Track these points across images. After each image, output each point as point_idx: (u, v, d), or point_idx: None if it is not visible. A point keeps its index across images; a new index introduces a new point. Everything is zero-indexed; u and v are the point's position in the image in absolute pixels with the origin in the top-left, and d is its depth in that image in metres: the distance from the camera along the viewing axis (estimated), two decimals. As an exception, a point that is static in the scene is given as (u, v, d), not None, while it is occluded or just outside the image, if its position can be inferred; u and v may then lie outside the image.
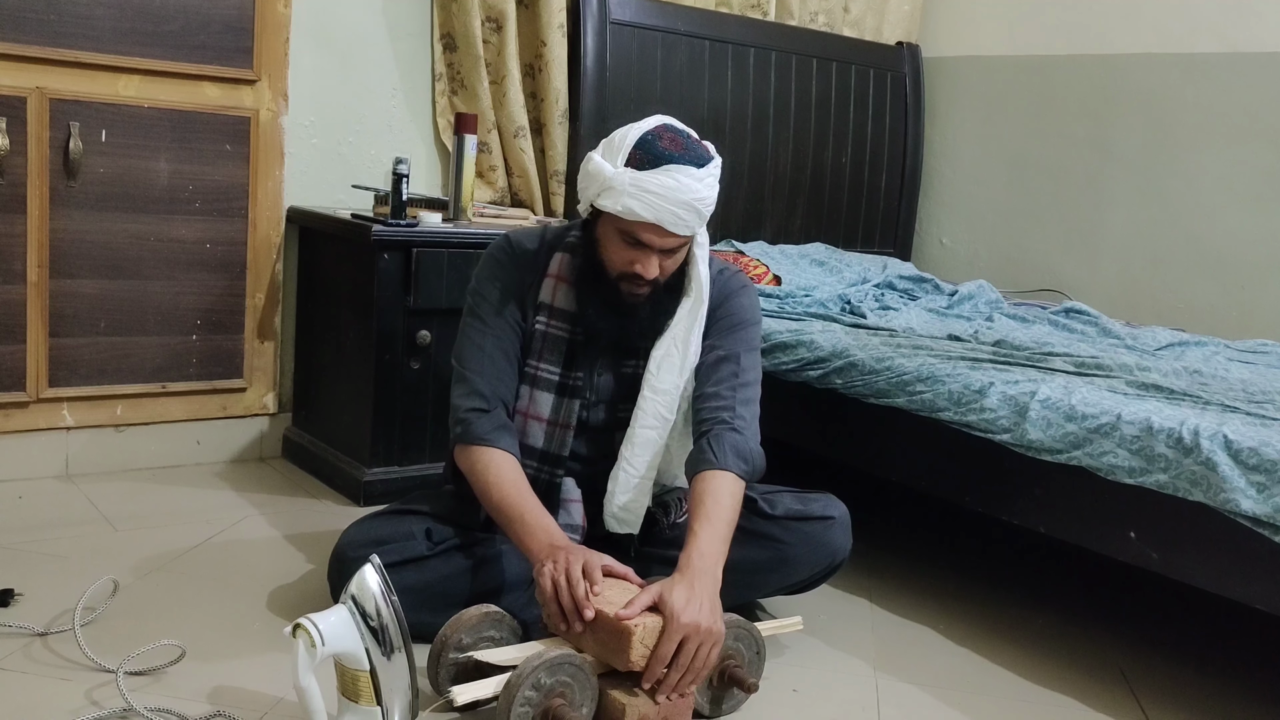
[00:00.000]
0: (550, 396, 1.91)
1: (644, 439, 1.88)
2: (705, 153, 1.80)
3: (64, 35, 2.43)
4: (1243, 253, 3.18)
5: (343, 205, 2.86)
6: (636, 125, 1.80)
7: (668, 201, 1.73)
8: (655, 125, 1.80)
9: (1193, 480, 1.76)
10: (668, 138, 1.78)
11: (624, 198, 1.73)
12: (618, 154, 1.77)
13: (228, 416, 2.80)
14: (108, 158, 2.52)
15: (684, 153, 1.76)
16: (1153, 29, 3.36)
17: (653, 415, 1.88)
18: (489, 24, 3.01)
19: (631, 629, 1.53)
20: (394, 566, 1.76)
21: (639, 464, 1.89)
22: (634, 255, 1.80)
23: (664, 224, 1.75)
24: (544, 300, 1.91)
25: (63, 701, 1.58)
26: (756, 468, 1.86)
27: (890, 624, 2.16)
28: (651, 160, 1.74)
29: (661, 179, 1.73)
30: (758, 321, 2.00)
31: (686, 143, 1.79)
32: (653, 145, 1.76)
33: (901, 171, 3.85)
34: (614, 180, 1.74)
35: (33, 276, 2.47)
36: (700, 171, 1.76)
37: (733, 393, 1.89)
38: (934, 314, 2.92)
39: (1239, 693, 2.01)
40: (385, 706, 1.46)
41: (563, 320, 1.91)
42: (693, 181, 1.74)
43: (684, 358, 1.89)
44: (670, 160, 1.74)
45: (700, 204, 1.76)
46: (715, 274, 1.96)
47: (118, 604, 1.90)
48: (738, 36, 3.39)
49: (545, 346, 1.91)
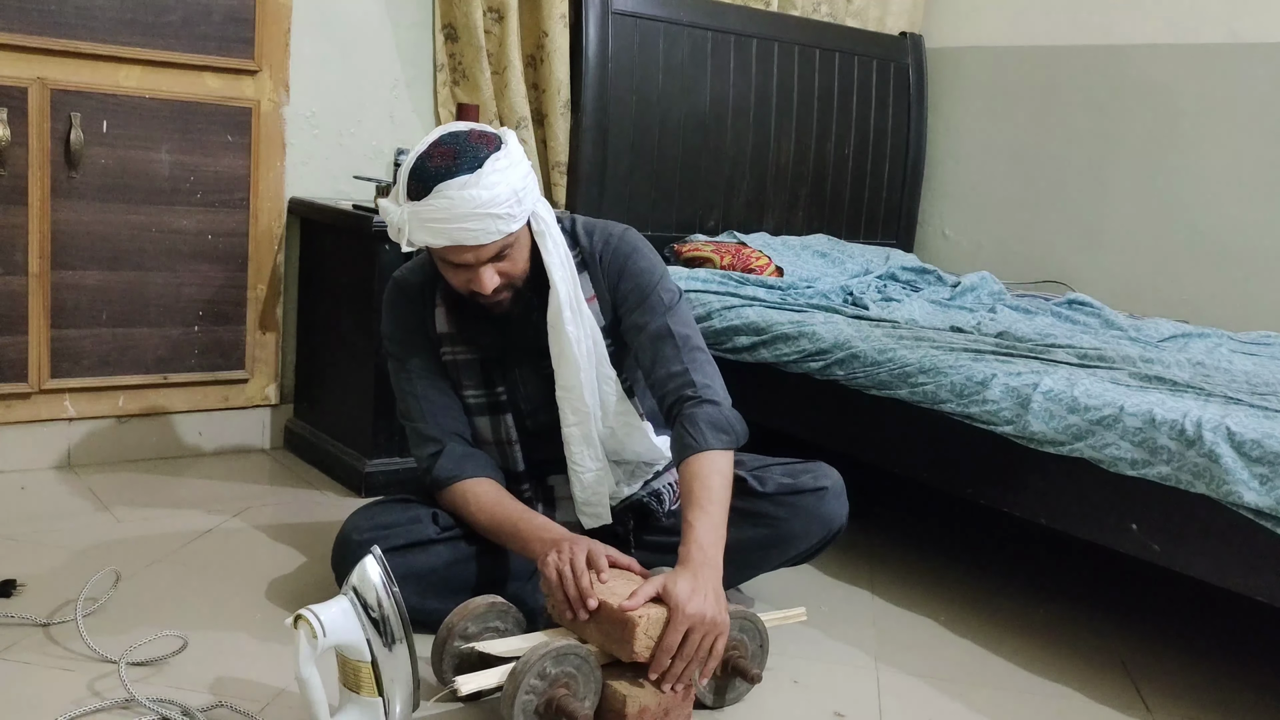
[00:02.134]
0: (485, 419, 1.91)
1: (571, 436, 1.86)
2: (481, 150, 1.68)
3: (65, 25, 2.42)
4: (1247, 244, 3.17)
5: (344, 196, 2.86)
6: (416, 148, 1.72)
7: (451, 222, 1.65)
8: (430, 142, 1.71)
9: (1195, 472, 1.75)
10: (438, 154, 1.67)
11: (412, 232, 1.68)
12: (400, 189, 1.70)
13: (229, 408, 2.80)
14: (109, 148, 2.52)
15: (454, 164, 1.65)
16: (1157, 19, 3.34)
17: (570, 412, 1.85)
18: (491, 14, 3.00)
19: (635, 620, 1.53)
20: (401, 550, 1.78)
21: (582, 460, 1.88)
22: (465, 275, 1.74)
23: (461, 242, 1.67)
24: (441, 330, 1.89)
25: (65, 692, 1.58)
26: (738, 434, 1.81)
27: (892, 615, 2.16)
28: (423, 187, 1.66)
29: (436, 202, 1.64)
30: (662, 276, 1.91)
31: (459, 150, 1.67)
32: (423, 169, 1.67)
33: (904, 163, 3.84)
34: (398, 219, 1.69)
35: (34, 268, 2.47)
36: (474, 177, 1.64)
37: (683, 366, 1.83)
38: (936, 305, 2.91)
39: (1240, 684, 2.01)
40: (386, 697, 1.46)
41: (462, 343, 1.89)
42: (469, 191, 1.64)
43: (569, 347, 1.81)
44: (439, 178, 1.65)
45: (490, 207, 1.65)
46: (596, 241, 1.90)
47: (120, 595, 1.90)
48: (740, 27, 3.39)
49: (461, 373, 1.89)
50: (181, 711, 1.53)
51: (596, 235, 1.91)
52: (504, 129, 1.77)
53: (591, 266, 1.90)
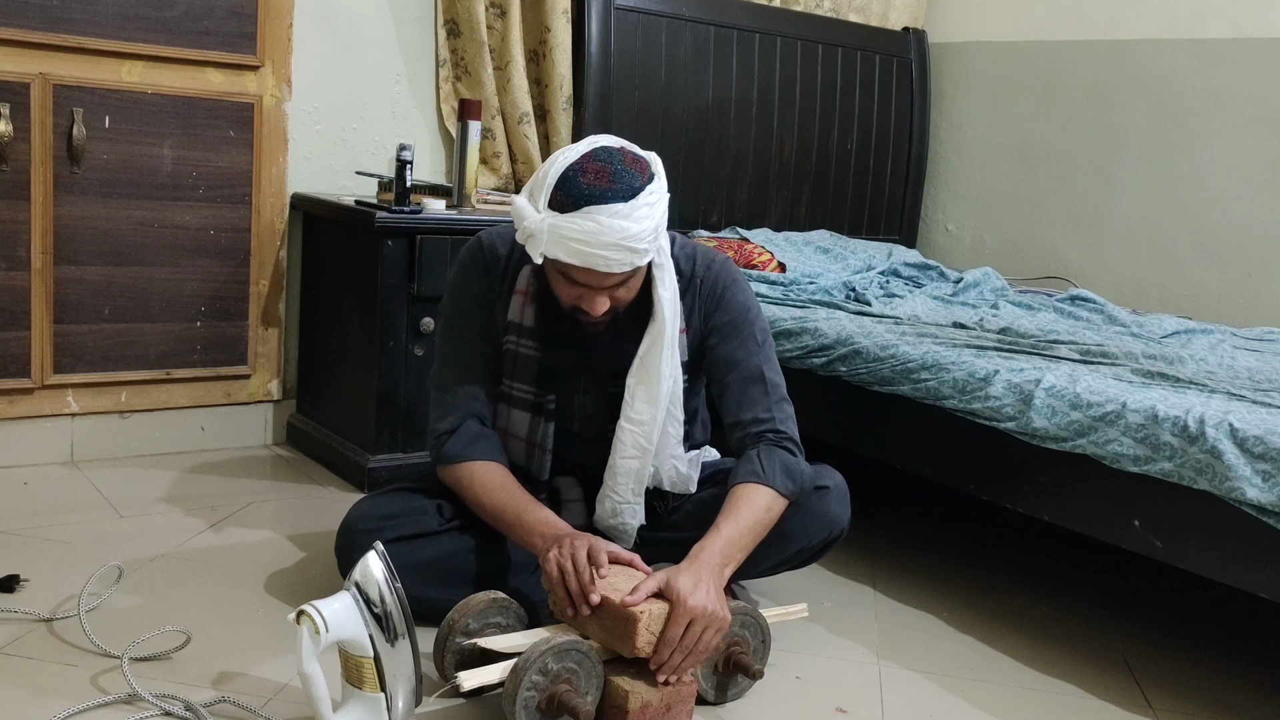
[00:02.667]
0: (526, 415, 1.88)
1: (625, 469, 1.85)
2: (636, 179, 1.64)
3: (67, 21, 2.42)
4: (1250, 240, 3.16)
5: (347, 192, 2.86)
6: (565, 154, 1.67)
7: (592, 246, 1.61)
8: (581, 155, 1.65)
9: (1198, 468, 1.75)
10: (592, 170, 1.63)
11: (546, 245, 1.63)
12: (541, 193, 1.64)
13: (232, 403, 2.80)
14: (111, 144, 2.52)
15: (609, 188, 1.61)
16: (1160, 14, 3.34)
17: (631, 445, 1.83)
18: (493, 9, 2.99)
19: (637, 615, 1.54)
20: (405, 540, 1.78)
21: (624, 491, 1.87)
22: (578, 292, 1.70)
23: (595, 267, 1.64)
24: (512, 319, 1.85)
25: (68, 688, 1.58)
26: (804, 489, 1.82)
27: (894, 611, 2.16)
28: (572, 202, 1.61)
29: (582, 223, 1.60)
30: (759, 314, 1.92)
31: (615, 172, 1.63)
32: (573, 183, 1.62)
33: (907, 158, 3.83)
34: (535, 228, 1.63)
35: (37, 263, 2.47)
36: (626, 206, 1.61)
37: (770, 414, 1.83)
38: (939, 301, 2.91)
39: (1242, 681, 2.01)
40: (389, 693, 1.47)
41: (531, 339, 1.84)
42: (618, 221, 1.60)
43: (656, 386, 1.80)
44: (591, 200, 1.60)
45: (632, 241, 1.62)
46: (699, 267, 1.89)
47: (123, 590, 1.90)
48: (743, 22, 3.38)
49: (516, 365, 1.86)
50: (184, 707, 1.54)
51: (698, 262, 1.88)
52: (651, 154, 1.73)
53: (688, 294, 1.86)
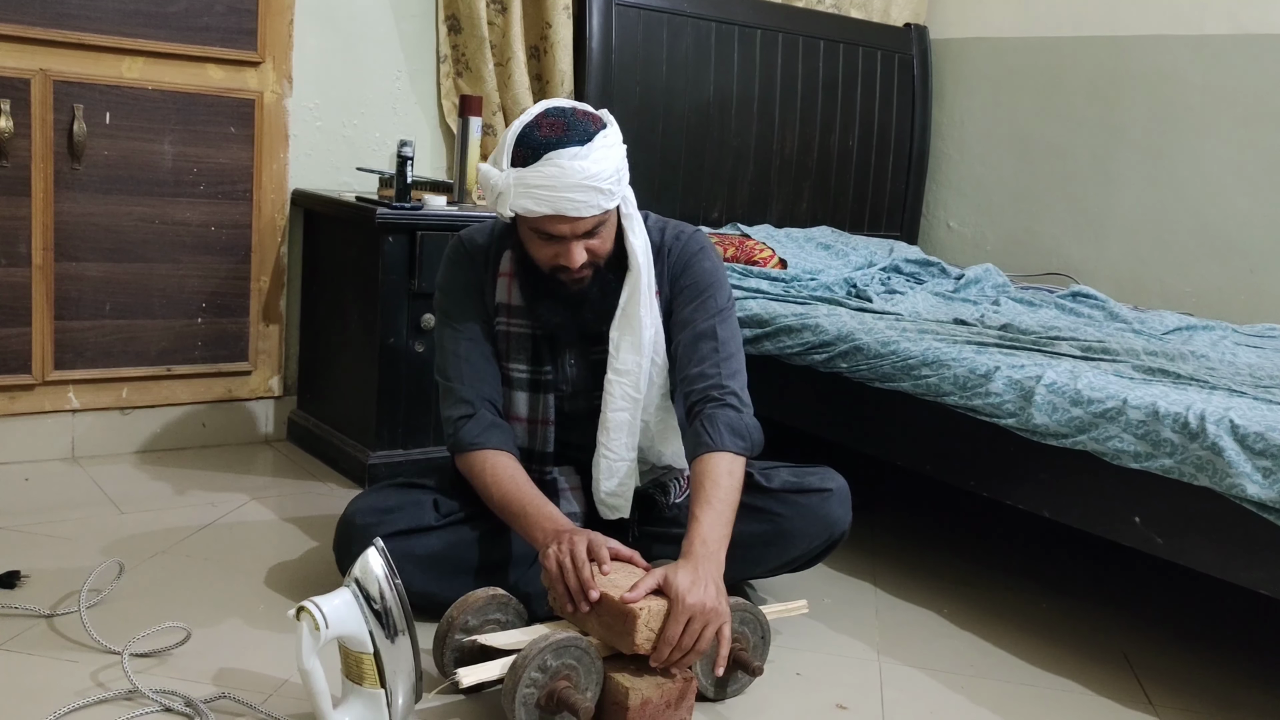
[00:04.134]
0: (524, 395, 1.91)
1: (617, 422, 1.87)
2: (590, 126, 1.73)
3: (68, 17, 2.42)
4: (1251, 236, 3.16)
5: (347, 188, 2.86)
6: (520, 120, 1.75)
7: (558, 190, 1.68)
8: (536, 113, 1.75)
9: (1198, 465, 1.75)
10: (546, 124, 1.72)
11: (516, 199, 1.71)
12: (503, 155, 1.73)
13: (233, 399, 2.80)
14: (112, 140, 2.52)
15: (565, 134, 1.70)
16: (1162, 10, 3.33)
17: (620, 398, 1.86)
18: (494, 5, 2.99)
19: (636, 612, 1.54)
20: (404, 534, 1.79)
21: (617, 447, 1.88)
22: (555, 249, 1.76)
23: (564, 212, 1.70)
24: (500, 300, 1.90)
25: (68, 683, 1.59)
26: (754, 442, 1.84)
27: (894, 608, 2.16)
28: (532, 154, 1.69)
29: (544, 170, 1.68)
30: (723, 281, 1.94)
31: (569, 121, 1.72)
32: (531, 136, 1.71)
33: (909, 154, 3.83)
34: (500, 184, 1.72)
35: (37, 259, 2.47)
36: (585, 149, 1.69)
37: (716, 369, 1.86)
38: (940, 298, 2.91)
39: (1242, 677, 2.01)
40: (389, 689, 1.47)
41: (521, 317, 1.89)
42: (579, 162, 1.68)
43: (639, 334, 1.84)
44: (549, 147, 1.69)
45: (595, 180, 1.69)
46: (668, 237, 1.93)
47: (123, 586, 1.90)
48: (744, 18, 3.38)
49: (511, 346, 1.90)
50: (184, 703, 1.54)
51: (668, 231, 1.94)
52: (604, 110, 1.82)
53: (659, 261, 1.91)
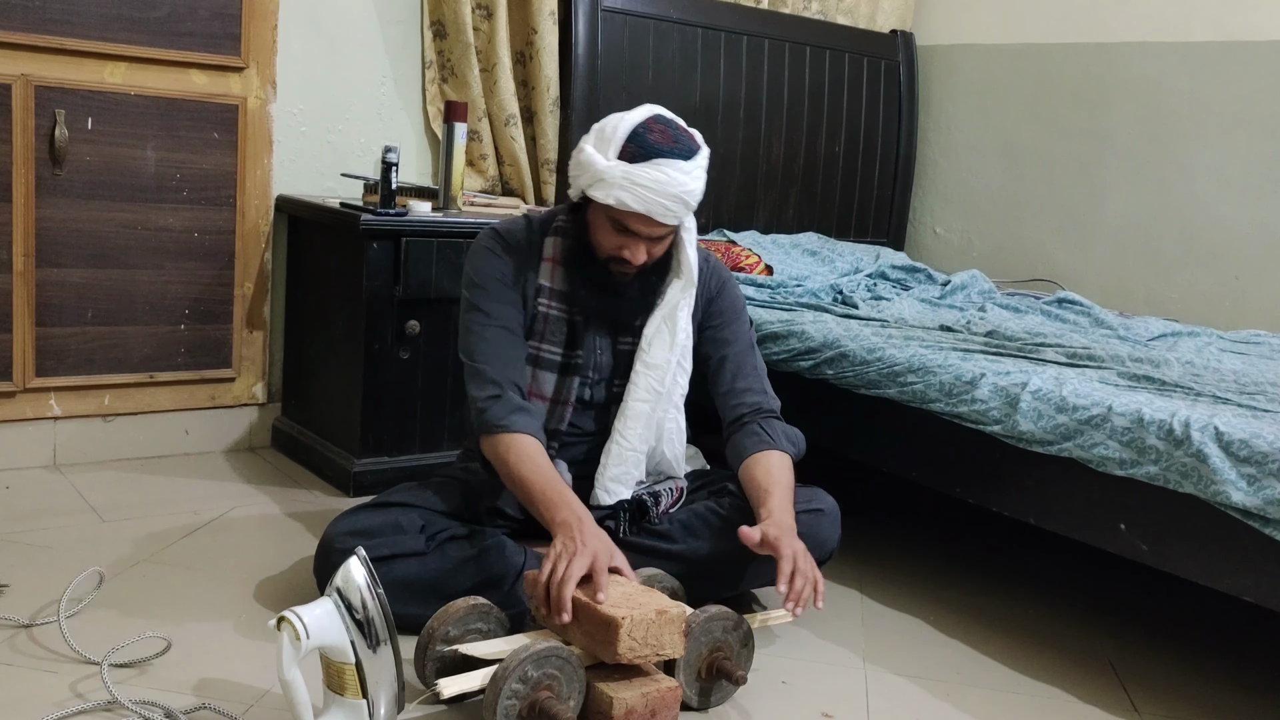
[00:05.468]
0: (553, 376, 1.99)
1: (636, 411, 1.97)
2: (693, 144, 1.87)
3: (50, 22, 2.41)
4: (1236, 243, 3.17)
5: (332, 194, 2.85)
6: (628, 116, 1.86)
7: (658, 194, 1.80)
8: (646, 117, 1.86)
9: (1183, 472, 1.75)
10: (658, 130, 1.84)
11: (616, 190, 1.81)
12: (609, 146, 1.83)
13: (216, 406, 2.79)
14: (94, 146, 2.51)
15: (674, 146, 1.83)
16: (1148, 17, 3.34)
17: (645, 389, 1.97)
18: (479, 11, 2.98)
19: (619, 620, 1.53)
20: (387, 560, 1.77)
21: (631, 436, 1.97)
22: (623, 241, 1.87)
23: (654, 215, 1.82)
24: (543, 283, 1.98)
25: (47, 694, 1.57)
26: (801, 449, 2.01)
27: (880, 615, 2.16)
28: (643, 154, 1.81)
29: (652, 173, 1.80)
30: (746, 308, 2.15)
31: (676, 135, 1.85)
32: (644, 138, 1.82)
33: (895, 160, 3.83)
34: (606, 173, 1.81)
35: (19, 265, 2.46)
36: (688, 164, 1.83)
37: (762, 386, 2.04)
38: (926, 304, 2.91)
39: (1226, 683, 2.01)
40: (371, 699, 1.45)
41: (561, 301, 1.98)
42: (681, 175, 1.81)
43: (673, 334, 1.97)
44: (660, 154, 1.81)
45: (689, 195, 1.83)
46: (703, 261, 2.05)
47: (104, 595, 1.89)
48: (730, 24, 3.38)
49: (547, 328, 1.98)
50: (164, 713, 1.52)
51: (700, 251, 2.06)
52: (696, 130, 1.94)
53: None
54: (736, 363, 2.04)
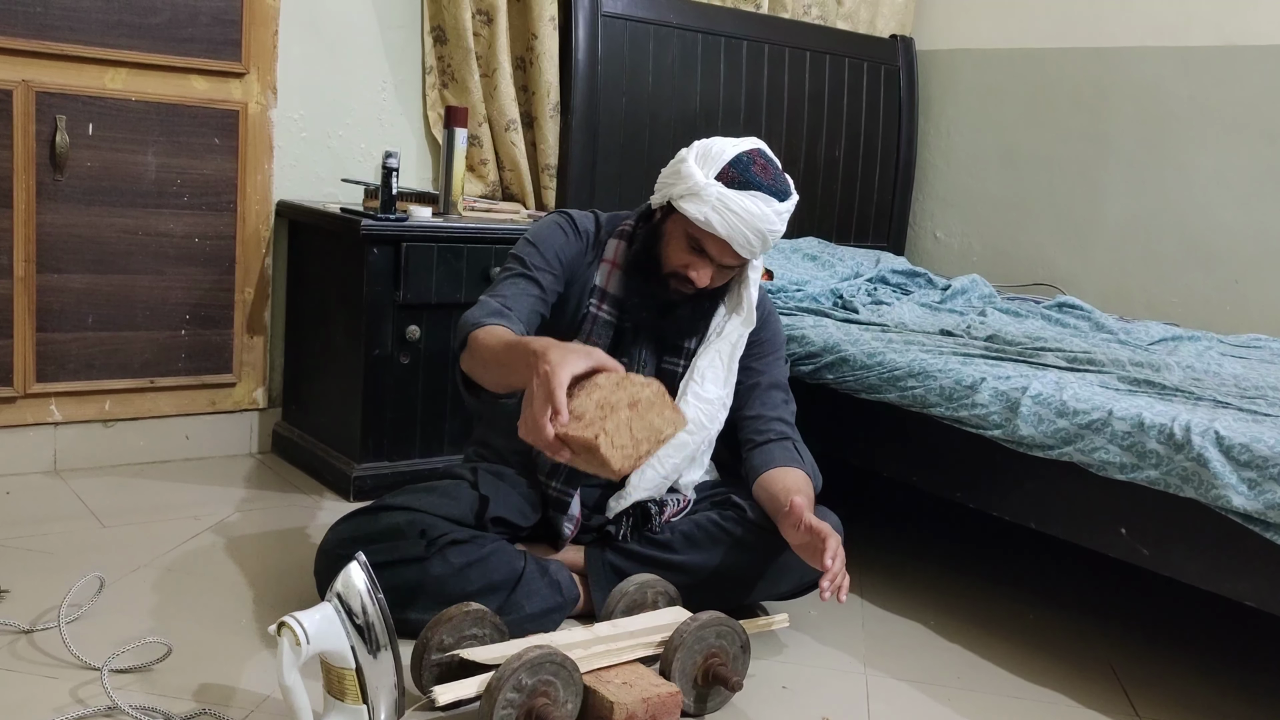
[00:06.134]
0: None
1: (680, 442, 1.91)
2: (788, 187, 1.89)
3: (50, 27, 2.41)
4: (1237, 247, 3.17)
5: (332, 199, 2.85)
6: (733, 142, 1.87)
7: (744, 224, 1.81)
8: (750, 148, 1.87)
9: (1184, 476, 1.75)
10: (760, 164, 1.86)
11: (706, 209, 1.81)
12: (711, 165, 1.84)
13: (217, 411, 2.79)
14: (95, 151, 2.51)
15: (772, 183, 1.84)
16: (1148, 21, 3.35)
17: (694, 422, 1.92)
18: (480, 16, 2.99)
19: (595, 441, 1.43)
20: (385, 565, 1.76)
21: (668, 465, 1.95)
22: (692, 260, 1.87)
23: (734, 243, 1.83)
24: (599, 284, 1.97)
25: (48, 699, 1.57)
26: (818, 486, 1.99)
27: (880, 620, 2.16)
28: (741, 181, 1.82)
29: (745, 202, 1.81)
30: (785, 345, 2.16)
31: (775, 173, 1.87)
32: (746, 167, 1.84)
33: (895, 165, 3.84)
34: (703, 190, 1.81)
35: (20, 271, 2.46)
36: (780, 205, 1.85)
37: (789, 419, 2.04)
38: (927, 308, 2.91)
39: (1229, 688, 2.01)
40: (371, 705, 1.45)
41: (612, 306, 1.97)
42: (771, 212, 1.83)
43: (728, 371, 1.97)
44: (758, 187, 1.82)
45: (771, 234, 1.85)
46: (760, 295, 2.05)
47: (104, 600, 1.89)
48: (730, 29, 3.38)
49: (594, 330, 1.96)
50: (165, 718, 1.52)
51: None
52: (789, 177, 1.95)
53: None
54: (767, 390, 2.04)
